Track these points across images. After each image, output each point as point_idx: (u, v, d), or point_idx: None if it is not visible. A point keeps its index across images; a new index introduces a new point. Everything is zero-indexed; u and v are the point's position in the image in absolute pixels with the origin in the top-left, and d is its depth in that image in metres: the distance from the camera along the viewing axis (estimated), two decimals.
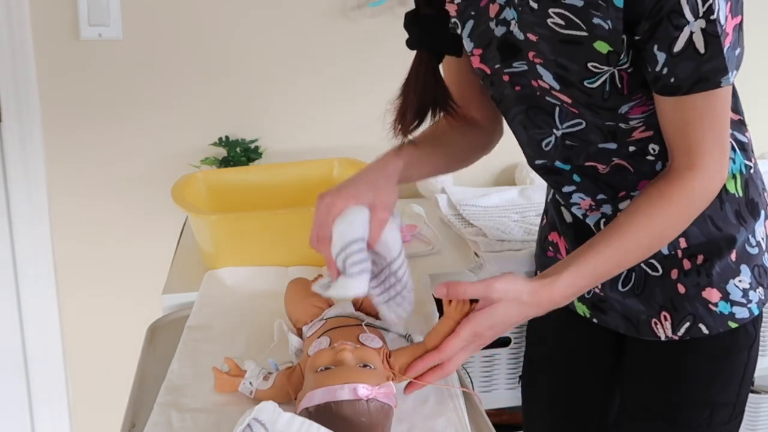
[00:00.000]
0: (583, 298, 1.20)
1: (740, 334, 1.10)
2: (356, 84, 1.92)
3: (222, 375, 0.97)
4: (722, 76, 0.90)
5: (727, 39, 0.89)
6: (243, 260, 1.34)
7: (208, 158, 1.85)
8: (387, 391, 0.85)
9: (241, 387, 0.95)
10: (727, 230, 1.06)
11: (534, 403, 1.37)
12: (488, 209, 1.76)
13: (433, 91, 1.04)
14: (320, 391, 0.84)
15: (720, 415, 1.13)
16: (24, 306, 1.95)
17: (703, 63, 0.89)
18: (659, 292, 1.09)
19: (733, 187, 1.07)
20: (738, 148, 1.07)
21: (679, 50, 0.88)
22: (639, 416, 1.18)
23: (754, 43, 2.01)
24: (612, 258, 0.98)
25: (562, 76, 0.99)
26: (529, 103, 1.07)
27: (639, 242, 0.98)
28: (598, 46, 0.92)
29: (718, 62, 0.89)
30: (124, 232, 1.94)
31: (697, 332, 1.08)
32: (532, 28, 0.98)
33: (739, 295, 1.07)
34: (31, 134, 1.83)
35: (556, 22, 0.94)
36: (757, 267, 1.09)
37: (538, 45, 0.99)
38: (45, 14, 1.78)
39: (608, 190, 1.09)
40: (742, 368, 1.12)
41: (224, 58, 1.87)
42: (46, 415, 2.03)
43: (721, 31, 0.87)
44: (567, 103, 1.02)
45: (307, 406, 0.84)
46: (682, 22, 0.86)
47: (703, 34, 0.87)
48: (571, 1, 0.92)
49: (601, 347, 1.24)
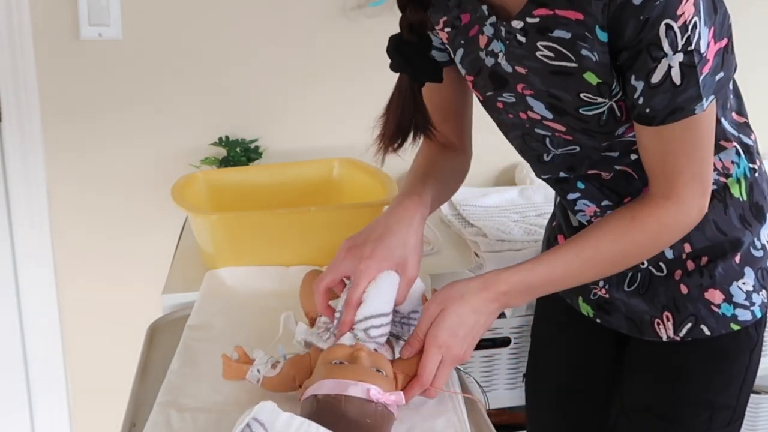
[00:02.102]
0: (588, 299, 1.20)
1: (742, 337, 1.09)
2: (356, 84, 1.92)
3: (231, 362, 0.96)
4: (696, 104, 0.89)
5: (707, 66, 0.88)
6: (243, 260, 1.34)
7: (208, 158, 1.85)
8: (396, 399, 0.86)
9: (249, 375, 0.94)
10: (732, 234, 1.06)
11: (537, 401, 1.37)
12: (488, 209, 1.76)
13: (412, 113, 1.03)
14: (331, 382, 0.84)
15: (720, 417, 1.13)
16: (24, 306, 1.95)
17: (678, 94, 0.89)
18: (663, 293, 1.10)
19: (738, 191, 1.06)
20: (743, 151, 1.06)
21: (656, 82, 0.89)
22: (638, 416, 1.18)
23: (757, 43, 2.01)
24: (569, 265, 0.99)
25: (556, 106, 1.00)
26: (522, 130, 1.09)
27: (600, 256, 0.99)
28: (588, 77, 0.94)
29: (693, 91, 0.88)
30: (124, 231, 1.94)
31: (699, 333, 1.08)
32: (520, 60, 0.99)
33: (742, 297, 1.07)
34: (31, 134, 1.83)
35: (546, 55, 0.96)
36: (762, 270, 1.08)
37: (527, 77, 1.00)
38: (45, 14, 1.78)
39: (613, 196, 1.09)
40: (743, 371, 1.12)
41: (224, 58, 1.87)
42: (46, 415, 2.03)
43: (699, 60, 0.87)
44: (560, 131, 1.02)
45: (315, 392, 0.84)
46: (660, 55, 0.86)
47: (680, 66, 0.87)
48: (559, 34, 0.93)
49: (604, 347, 1.24)
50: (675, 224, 0.98)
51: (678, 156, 0.94)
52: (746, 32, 2.01)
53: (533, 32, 0.95)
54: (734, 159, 1.04)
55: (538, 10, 0.93)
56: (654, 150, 0.95)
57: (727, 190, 1.05)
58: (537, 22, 0.94)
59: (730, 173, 1.05)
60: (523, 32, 0.96)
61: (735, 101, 1.06)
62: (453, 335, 0.93)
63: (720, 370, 1.11)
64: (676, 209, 0.97)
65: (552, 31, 0.93)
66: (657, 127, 0.92)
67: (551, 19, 0.93)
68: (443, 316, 0.94)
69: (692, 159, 0.94)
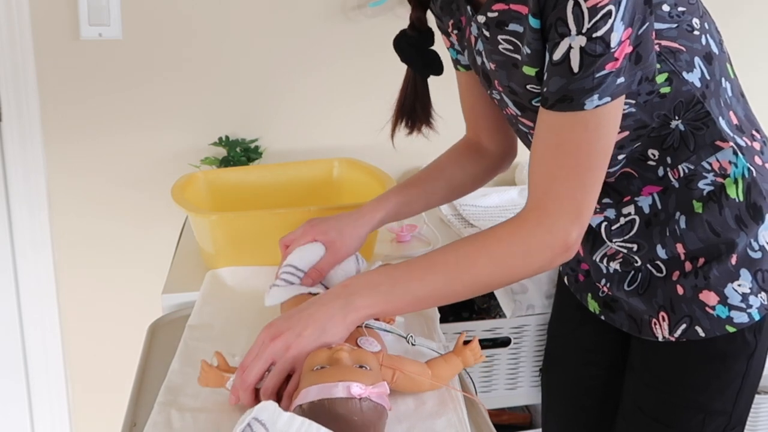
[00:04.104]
0: (596, 296, 1.21)
1: (738, 341, 1.08)
2: (356, 84, 1.92)
3: (210, 369, 0.94)
4: (587, 97, 0.86)
5: (611, 63, 0.85)
6: (243, 260, 1.34)
7: (208, 158, 1.85)
8: (380, 391, 0.84)
9: (228, 384, 0.93)
10: (726, 235, 1.04)
11: (551, 395, 1.40)
12: (488, 209, 1.76)
13: (413, 100, 1.14)
14: (315, 388, 0.84)
15: (714, 422, 1.12)
16: (24, 305, 1.95)
17: (572, 81, 0.86)
18: (660, 293, 1.09)
19: (734, 192, 1.04)
20: (740, 151, 1.04)
21: (557, 60, 0.87)
22: (633, 415, 1.18)
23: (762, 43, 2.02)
24: (412, 265, 0.96)
25: (516, 101, 1.01)
26: (514, 126, 1.12)
27: (446, 260, 0.95)
28: (526, 69, 0.95)
29: (587, 82, 0.86)
30: (124, 231, 1.94)
31: (694, 334, 1.07)
32: (491, 56, 1.02)
33: (738, 299, 1.05)
34: (31, 134, 1.83)
35: (506, 48, 0.98)
36: (761, 272, 1.06)
37: (497, 73, 1.02)
38: (45, 14, 1.78)
39: (614, 195, 1.09)
40: (740, 378, 1.10)
41: (224, 58, 1.87)
42: (46, 415, 2.03)
43: (602, 52, 0.84)
44: (531, 127, 1.03)
45: (301, 402, 0.84)
46: (564, 31, 0.85)
47: (581, 52, 0.85)
48: (514, 27, 0.95)
49: (609, 345, 1.24)
50: (534, 240, 0.93)
51: (557, 158, 0.91)
52: (746, 32, 2.02)
53: (493, 26, 0.98)
54: (731, 159, 1.03)
55: (496, 5, 0.96)
56: (539, 142, 0.92)
57: (723, 190, 1.03)
58: (496, 17, 0.97)
59: (728, 173, 1.03)
60: (486, 27, 1.00)
61: (734, 101, 1.05)
62: (287, 319, 0.92)
63: (715, 374, 1.10)
64: (536, 222, 0.92)
65: (507, 25, 0.96)
66: (547, 113, 0.90)
67: (506, 13, 0.95)
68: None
69: (571, 172, 0.90)
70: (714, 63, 1.00)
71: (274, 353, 0.89)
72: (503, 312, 1.54)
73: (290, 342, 0.89)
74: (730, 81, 1.04)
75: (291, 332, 0.90)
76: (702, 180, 1.03)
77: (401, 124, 1.16)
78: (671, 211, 1.05)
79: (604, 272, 1.16)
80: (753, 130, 1.08)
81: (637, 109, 0.97)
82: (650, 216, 1.07)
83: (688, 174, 1.03)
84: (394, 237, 1.62)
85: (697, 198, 1.04)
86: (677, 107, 0.98)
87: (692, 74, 0.97)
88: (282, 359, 0.89)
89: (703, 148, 1.01)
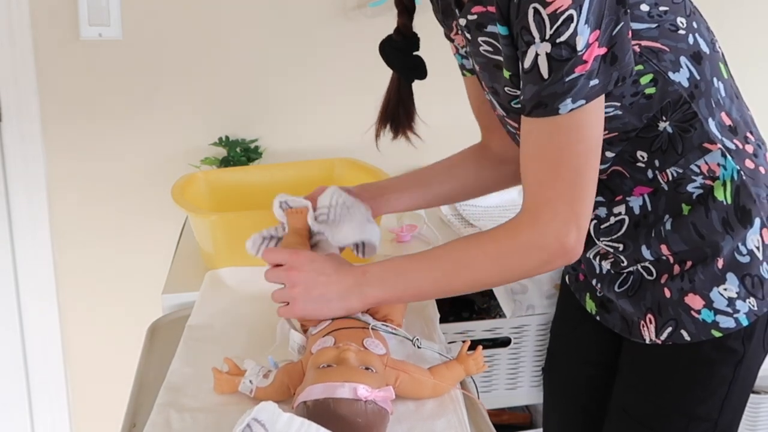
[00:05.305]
0: (594, 296, 1.20)
1: (725, 348, 1.06)
2: (356, 84, 1.92)
3: (222, 375, 0.96)
4: (560, 102, 0.86)
5: (582, 66, 0.85)
6: (243, 260, 1.34)
7: (208, 158, 1.85)
8: (386, 395, 0.85)
9: (241, 387, 0.95)
10: (711, 238, 1.02)
11: (552, 394, 1.40)
12: (488, 209, 1.76)
13: (396, 104, 1.14)
14: (320, 387, 0.84)
15: (698, 428, 1.10)
16: (24, 306, 1.95)
17: (544, 87, 0.87)
18: (649, 295, 1.08)
19: (722, 194, 1.02)
20: (728, 154, 1.02)
21: (527, 68, 0.88)
22: (619, 418, 1.18)
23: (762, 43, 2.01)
24: (417, 259, 1.01)
25: (499, 103, 1.02)
26: (504, 127, 1.12)
27: (448, 257, 0.99)
28: (504, 72, 0.96)
29: (558, 87, 0.86)
30: (124, 231, 1.94)
31: (679, 338, 1.06)
32: (476, 58, 1.03)
33: (724, 303, 1.04)
34: (31, 134, 1.83)
35: (486, 49, 0.98)
36: (749, 276, 1.04)
37: (483, 74, 1.03)
38: (45, 14, 1.78)
39: (607, 193, 1.08)
40: (727, 384, 1.08)
41: (224, 58, 1.87)
42: (46, 415, 2.03)
43: (568, 56, 0.84)
44: (516, 127, 1.03)
45: (305, 399, 0.84)
46: (529, 39, 0.86)
47: (547, 58, 0.85)
48: (492, 29, 0.95)
49: (606, 345, 1.24)
50: (527, 243, 0.94)
51: (542, 163, 0.91)
52: (746, 32, 2.01)
53: (474, 29, 0.99)
54: (720, 161, 1.01)
55: (475, 7, 0.97)
56: (524, 147, 0.93)
57: (711, 193, 1.02)
58: (475, 19, 0.98)
59: (717, 176, 1.02)
60: (467, 29, 1.00)
61: (728, 101, 1.03)
62: (312, 260, 1.01)
63: (700, 380, 1.08)
64: (528, 225, 0.93)
65: (486, 27, 0.96)
66: (526, 120, 0.91)
67: (484, 15, 0.96)
68: (313, 254, 1.04)
69: (557, 177, 0.90)
70: (704, 63, 0.98)
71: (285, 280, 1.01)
72: (503, 312, 1.54)
73: (296, 296, 1.00)
74: (723, 81, 1.02)
75: (303, 287, 1.00)
76: (691, 183, 1.02)
77: (384, 128, 1.15)
78: (660, 213, 1.04)
79: (597, 272, 1.16)
80: (747, 132, 1.06)
81: (624, 111, 0.97)
82: (640, 217, 1.06)
83: (676, 177, 1.02)
84: (394, 237, 1.62)
85: (686, 201, 1.03)
86: (665, 108, 0.97)
87: (679, 74, 0.96)
88: (286, 293, 1.01)
89: (691, 151, 1.00)
